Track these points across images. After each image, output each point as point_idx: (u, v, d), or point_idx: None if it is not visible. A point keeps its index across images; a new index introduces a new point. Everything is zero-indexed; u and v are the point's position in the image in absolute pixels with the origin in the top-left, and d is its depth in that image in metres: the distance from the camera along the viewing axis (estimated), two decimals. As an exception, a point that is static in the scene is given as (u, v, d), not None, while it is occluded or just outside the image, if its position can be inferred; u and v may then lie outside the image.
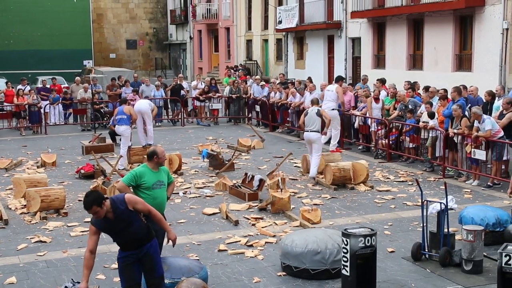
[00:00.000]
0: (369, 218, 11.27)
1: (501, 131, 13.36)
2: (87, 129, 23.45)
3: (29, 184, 12.62)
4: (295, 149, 17.79)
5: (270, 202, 11.66)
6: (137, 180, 7.84)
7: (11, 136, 22.22)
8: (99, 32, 53.74)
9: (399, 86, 18.53)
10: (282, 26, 34.56)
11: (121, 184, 8.01)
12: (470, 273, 8.45)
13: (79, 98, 23.88)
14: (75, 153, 18.32)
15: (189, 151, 18.30)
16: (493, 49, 21.29)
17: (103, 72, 33.10)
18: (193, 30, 49.46)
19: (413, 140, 15.93)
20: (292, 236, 8.87)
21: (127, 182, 7.88)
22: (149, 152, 8.05)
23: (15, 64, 47.75)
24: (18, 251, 9.73)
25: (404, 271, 8.66)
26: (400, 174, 14.94)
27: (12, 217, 11.55)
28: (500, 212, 9.83)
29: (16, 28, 50.01)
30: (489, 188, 13.35)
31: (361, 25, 28.81)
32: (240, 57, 41.75)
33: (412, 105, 16.37)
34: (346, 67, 30.25)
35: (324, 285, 8.18)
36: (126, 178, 7.93)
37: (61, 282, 8.14)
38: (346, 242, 7.67)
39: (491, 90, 15.72)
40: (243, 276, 8.55)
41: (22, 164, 16.75)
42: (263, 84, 24.39)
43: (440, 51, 23.90)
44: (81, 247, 9.85)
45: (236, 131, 22.76)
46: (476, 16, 22.09)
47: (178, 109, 24.96)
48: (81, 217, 11.51)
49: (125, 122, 16.32)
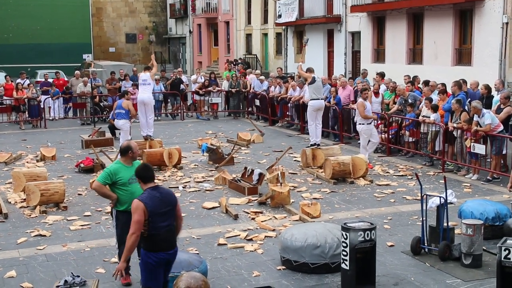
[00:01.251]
0: (368, 212, 11.28)
1: (501, 125, 13.36)
2: (86, 123, 23.44)
3: (29, 178, 12.62)
4: (294, 143, 17.79)
5: (269, 196, 11.66)
6: (112, 177, 7.73)
7: (10, 130, 22.21)
8: (99, 26, 53.68)
9: (399, 80, 18.52)
10: (281, 20, 34.50)
11: (96, 184, 7.82)
12: (470, 267, 8.45)
13: (78, 92, 23.86)
14: (74, 147, 18.32)
15: (189, 145, 18.29)
16: (493, 43, 21.27)
17: (103, 66, 33.05)
18: (192, 24, 49.39)
19: (412, 134, 15.93)
20: (291, 230, 8.87)
21: (102, 180, 7.76)
22: (124, 147, 7.95)
23: (14, 58, 47.68)
24: (18, 245, 9.73)
25: (403, 265, 8.67)
26: (400, 168, 14.94)
27: (11, 211, 11.55)
28: (500, 206, 9.84)
29: (16, 21, 49.93)
30: (488, 182, 13.35)
31: (360, 19, 28.76)
32: (239, 51, 41.69)
33: (412, 99, 16.36)
34: (345, 61, 30.23)
35: (323, 279, 8.19)
36: (101, 177, 7.79)
37: (60, 275, 8.14)
38: (345, 236, 7.67)
39: (487, 84, 15.70)
40: (243, 270, 8.55)
41: (21, 158, 16.75)
42: (262, 78, 24.37)
43: (440, 45, 23.87)
44: (80, 241, 9.87)
45: (235, 125, 22.75)
46: (476, 10, 22.05)
47: (178, 103, 24.96)
48: (80, 211, 11.52)
49: (124, 116, 16.31)
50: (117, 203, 7.82)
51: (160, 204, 6.47)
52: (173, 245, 6.63)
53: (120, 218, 7.86)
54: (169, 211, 6.55)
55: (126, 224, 7.79)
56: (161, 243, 6.50)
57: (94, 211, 11.59)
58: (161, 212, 6.46)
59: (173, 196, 6.68)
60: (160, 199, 6.50)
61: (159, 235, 6.47)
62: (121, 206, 7.80)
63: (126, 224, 7.79)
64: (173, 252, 6.65)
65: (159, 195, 6.52)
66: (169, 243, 6.57)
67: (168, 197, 6.59)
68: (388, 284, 8.00)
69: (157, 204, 6.45)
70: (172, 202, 6.60)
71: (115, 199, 7.79)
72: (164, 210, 6.49)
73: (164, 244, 6.52)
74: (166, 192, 6.67)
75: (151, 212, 6.40)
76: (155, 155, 14.86)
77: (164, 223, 6.48)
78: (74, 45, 49.87)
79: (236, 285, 8.06)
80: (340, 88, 19.33)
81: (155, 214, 6.42)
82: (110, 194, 7.81)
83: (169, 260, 6.67)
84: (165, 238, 6.52)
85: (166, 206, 6.52)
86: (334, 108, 18.78)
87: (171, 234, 6.60)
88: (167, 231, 6.53)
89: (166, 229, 6.50)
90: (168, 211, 6.53)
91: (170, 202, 6.57)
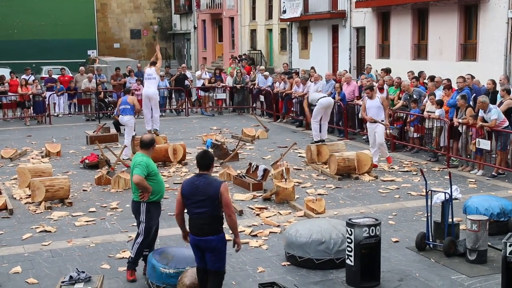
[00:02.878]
0: (373, 208, 11.27)
1: (506, 121, 13.31)
2: (91, 119, 23.47)
3: (34, 174, 12.66)
4: (299, 139, 17.78)
5: (274, 192, 11.66)
6: (147, 170, 7.86)
7: (15, 126, 22.26)
8: (103, 22, 53.69)
9: (403, 76, 18.48)
10: (286, 15, 34.47)
11: (139, 178, 7.78)
12: (475, 263, 8.44)
13: (83, 88, 23.89)
14: (79, 143, 18.35)
15: (193, 141, 18.29)
16: (498, 38, 21.21)
17: (107, 62, 33.07)
18: (197, 19, 49.38)
19: (417, 130, 15.90)
20: (296, 226, 8.87)
21: (142, 174, 7.80)
22: (149, 141, 8.07)
23: (19, 54, 47.76)
24: (23, 240, 9.75)
25: (408, 261, 8.66)
26: (405, 164, 14.91)
27: (17, 207, 11.58)
28: (505, 202, 9.82)
29: (20, 18, 49.98)
30: (493, 178, 13.33)
31: (365, 14, 28.71)
32: (244, 47, 41.67)
33: (417, 95, 16.33)
34: (350, 57, 30.20)
35: (328, 275, 8.19)
36: (141, 171, 7.80)
37: (65, 271, 8.16)
38: (350, 232, 7.67)
39: (493, 79, 15.65)
40: (247, 266, 8.56)
41: (26, 154, 16.78)
42: (267, 74, 24.36)
43: (445, 41, 23.82)
44: (85, 236, 9.88)
45: (240, 121, 22.75)
46: (481, 5, 21.99)
47: (182, 99, 24.96)
48: (85, 207, 11.54)
49: (129, 112, 16.31)
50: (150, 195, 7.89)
51: (194, 192, 6.68)
52: (204, 233, 6.67)
53: (151, 210, 7.92)
54: (205, 201, 6.65)
55: (156, 214, 7.93)
56: (191, 227, 6.76)
57: (99, 207, 11.60)
58: (194, 199, 6.68)
59: (213, 188, 6.66)
60: (197, 186, 6.69)
61: (191, 219, 6.75)
62: (154, 196, 7.91)
63: (156, 214, 7.93)
64: (200, 239, 6.69)
65: (199, 183, 6.71)
66: (198, 230, 6.69)
67: (207, 187, 6.67)
68: (393, 280, 8.00)
69: (191, 190, 6.70)
70: (210, 193, 6.65)
71: (151, 190, 7.88)
72: (199, 198, 6.65)
73: (193, 229, 6.73)
74: (208, 182, 6.71)
75: (184, 196, 6.75)
76: (160, 151, 14.86)
77: (196, 210, 6.68)
78: (79, 41, 49.86)
79: (240, 280, 8.07)
80: (344, 84, 19.30)
81: (187, 198, 6.72)
82: (149, 187, 7.88)
83: (199, 246, 6.75)
84: (195, 223, 6.71)
85: (201, 195, 6.65)
86: (339, 104, 18.76)
87: (202, 222, 6.67)
88: (198, 218, 6.68)
89: (197, 216, 6.68)
90: (204, 200, 6.65)
91: (207, 192, 6.65)
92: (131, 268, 8.05)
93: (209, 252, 6.73)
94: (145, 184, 7.81)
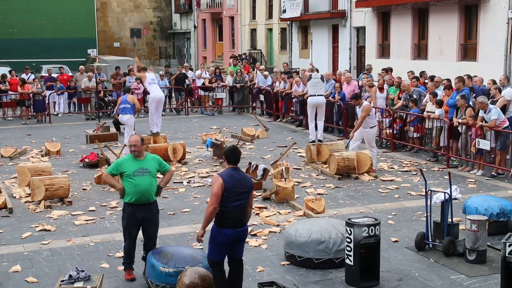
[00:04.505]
0: (373, 208, 11.28)
1: (506, 121, 13.32)
2: (91, 118, 23.47)
3: (34, 172, 12.65)
4: (299, 139, 17.78)
5: (274, 191, 11.67)
6: (118, 168, 7.94)
7: (15, 125, 22.26)
8: (103, 21, 53.64)
9: (403, 76, 18.48)
10: (286, 15, 34.45)
11: (105, 174, 8.38)
12: (474, 263, 8.45)
13: (83, 87, 23.89)
14: (79, 142, 18.36)
15: (193, 140, 18.30)
16: (498, 38, 21.21)
17: (107, 61, 33.06)
18: (197, 19, 49.34)
19: (417, 130, 15.91)
20: (296, 226, 8.88)
21: (109, 171, 8.08)
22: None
23: (19, 53, 47.72)
24: (23, 239, 9.76)
25: (407, 261, 8.67)
26: (404, 164, 14.92)
27: (16, 206, 11.58)
28: (504, 202, 9.83)
29: (20, 16, 49.93)
30: (493, 178, 13.33)
31: (365, 14, 28.70)
32: (244, 46, 41.65)
33: (417, 94, 16.34)
34: (350, 57, 30.19)
35: (327, 275, 8.19)
36: (110, 168, 8.12)
37: (65, 270, 8.16)
38: (350, 232, 7.67)
39: (493, 79, 15.66)
40: (247, 265, 8.55)
41: (26, 153, 16.78)
42: (266, 73, 24.34)
43: (445, 41, 23.81)
44: (85, 235, 9.89)
45: (240, 120, 22.75)
46: (481, 5, 21.98)
47: (182, 98, 24.96)
48: (85, 206, 11.54)
49: (129, 111, 16.29)
50: (124, 194, 7.93)
51: (236, 184, 6.84)
52: (243, 223, 6.96)
53: (126, 209, 7.95)
54: (244, 193, 6.90)
55: (130, 216, 7.85)
56: (228, 221, 6.85)
57: (99, 206, 11.61)
58: (236, 192, 6.83)
59: (250, 181, 7.05)
60: (237, 179, 6.87)
61: (229, 213, 6.83)
62: (126, 197, 7.90)
63: (130, 216, 7.85)
64: (241, 230, 6.96)
65: (238, 176, 6.90)
66: (238, 221, 6.90)
67: (245, 180, 6.96)
68: (392, 279, 8.00)
69: (234, 183, 6.83)
70: (248, 186, 6.96)
71: (119, 189, 7.93)
72: (240, 191, 6.85)
73: (231, 222, 6.85)
74: (244, 176, 7.04)
75: (227, 189, 6.79)
76: (159, 150, 14.86)
77: (236, 202, 6.84)
78: (79, 40, 49.81)
79: (240, 280, 8.07)
80: (344, 84, 19.29)
81: (230, 191, 6.81)
82: (115, 184, 8.06)
83: (238, 237, 6.97)
84: (234, 216, 6.86)
85: (242, 188, 6.88)
86: (339, 104, 18.76)
87: (241, 213, 6.91)
88: (237, 210, 6.86)
89: (236, 208, 6.84)
90: (243, 193, 6.89)
91: (246, 185, 6.93)
92: (127, 268, 8.08)
93: (242, 242, 7.08)
94: (109, 180, 8.10)
